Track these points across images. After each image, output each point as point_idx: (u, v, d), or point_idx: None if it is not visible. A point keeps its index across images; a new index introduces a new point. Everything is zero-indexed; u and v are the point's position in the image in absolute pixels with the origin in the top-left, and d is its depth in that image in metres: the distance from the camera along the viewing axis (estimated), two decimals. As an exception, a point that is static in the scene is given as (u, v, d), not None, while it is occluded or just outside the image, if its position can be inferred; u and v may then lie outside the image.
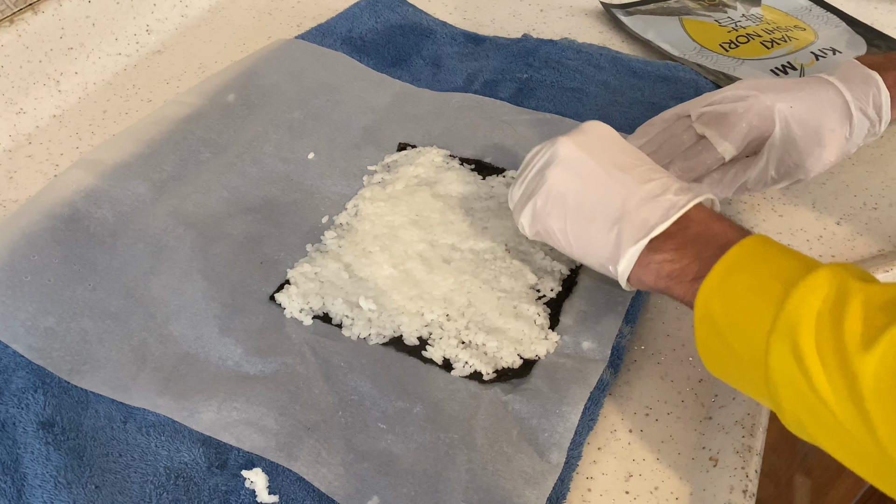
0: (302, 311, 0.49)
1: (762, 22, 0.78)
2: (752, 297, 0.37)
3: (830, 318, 0.34)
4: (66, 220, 0.54)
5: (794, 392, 0.35)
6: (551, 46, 0.72)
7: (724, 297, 0.38)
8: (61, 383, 0.45)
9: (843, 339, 0.33)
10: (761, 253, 0.39)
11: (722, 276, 0.39)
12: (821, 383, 0.34)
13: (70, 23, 0.66)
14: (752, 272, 0.38)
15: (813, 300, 0.35)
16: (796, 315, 0.35)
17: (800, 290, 0.35)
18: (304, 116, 0.64)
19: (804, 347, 0.34)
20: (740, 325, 0.37)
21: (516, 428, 0.43)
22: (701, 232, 0.42)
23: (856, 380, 0.33)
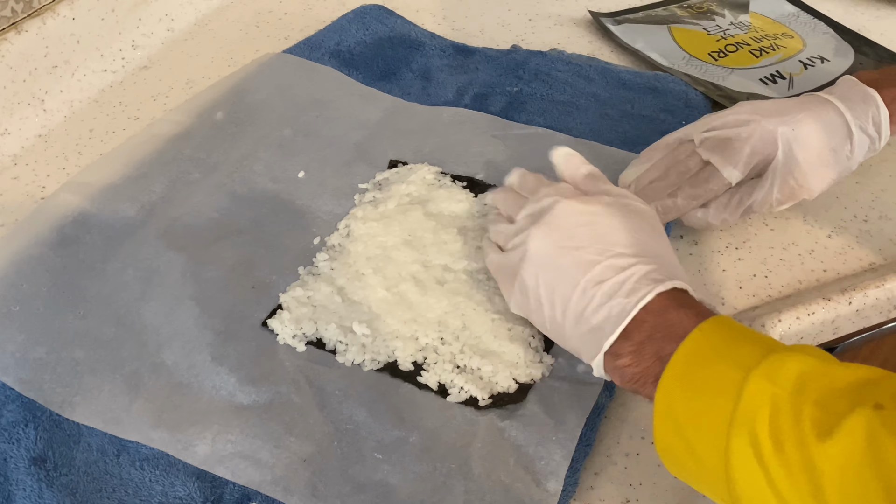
0: (295, 337, 0.49)
1: (750, 30, 0.78)
2: (712, 388, 0.35)
3: (791, 407, 0.33)
4: (55, 245, 0.53)
5: (754, 489, 0.33)
6: (541, 58, 0.72)
7: (686, 390, 0.37)
8: (52, 416, 0.45)
9: (803, 428, 0.32)
10: (721, 337, 0.37)
11: (684, 368, 0.37)
12: (779, 478, 0.32)
13: (54, 41, 0.65)
14: (713, 360, 0.36)
15: (771, 387, 0.33)
16: (755, 405, 0.33)
17: (756, 377, 0.34)
18: (293, 134, 0.63)
19: (762, 440, 0.33)
20: (701, 421, 0.36)
21: (513, 456, 0.43)
22: (657, 326, 0.40)
23: (816, 473, 0.31)
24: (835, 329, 0.54)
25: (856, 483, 0.30)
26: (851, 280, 0.54)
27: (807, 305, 0.52)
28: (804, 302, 0.52)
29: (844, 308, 0.53)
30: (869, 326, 0.56)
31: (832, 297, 0.52)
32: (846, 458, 0.31)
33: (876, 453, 0.30)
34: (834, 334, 0.54)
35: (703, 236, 0.57)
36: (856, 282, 0.54)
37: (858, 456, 0.31)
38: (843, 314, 0.53)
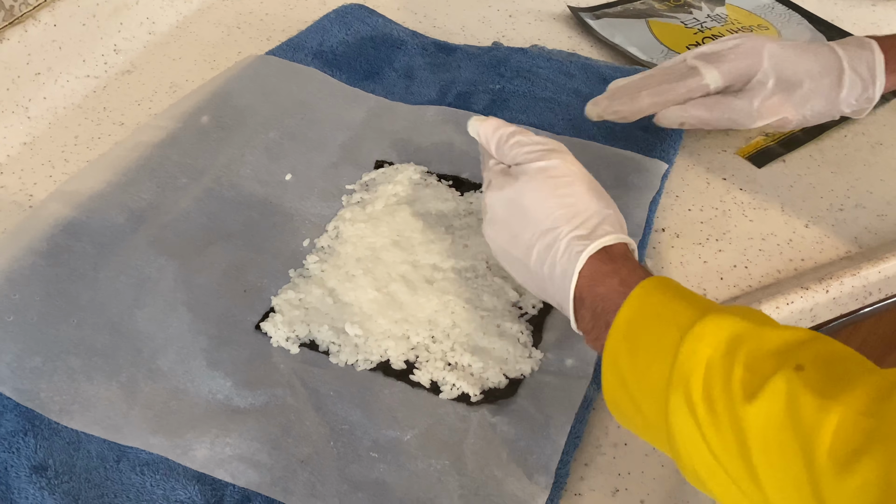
0: (288, 339, 0.50)
1: (727, 22, 0.79)
2: (653, 346, 0.37)
3: (721, 368, 0.34)
4: (46, 255, 0.54)
5: (691, 445, 0.35)
6: (522, 55, 0.73)
7: (630, 348, 0.38)
8: (51, 424, 0.46)
9: (732, 389, 0.33)
10: (660, 295, 0.39)
11: (627, 325, 0.39)
12: (711, 436, 0.34)
13: (37, 48, 0.65)
14: (654, 318, 0.38)
15: (705, 348, 0.35)
16: (689, 365, 0.35)
17: (690, 338, 0.35)
18: (279, 136, 0.64)
19: (696, 399, 0.34)
20: (644, 377, 0.37)
21: (505, 451, 0.44)
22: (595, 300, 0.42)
23: (743, 433, 0.33)
24: (813, 316, 0.55)
25: (776, 442, 0.32)
26: (828, 269, 0.56)
27: (786, 295, 0.53)
28: (783, 291, 0.54)
29: (822, 296, 0.54)
30: (846, 313, 0.57)
31: (810, 286, 0.54)
32: (768, 419, 0.32)
33: (793, 413, 0.32)
34: (812, 321, 0.56)
35: (685, 229, 0.59)
36: (832, 270, 0.55)
37: (779, 416, 0.32)
38: (820, 302, 0.54)
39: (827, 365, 0.33)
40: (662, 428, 0.36)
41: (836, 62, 0.55)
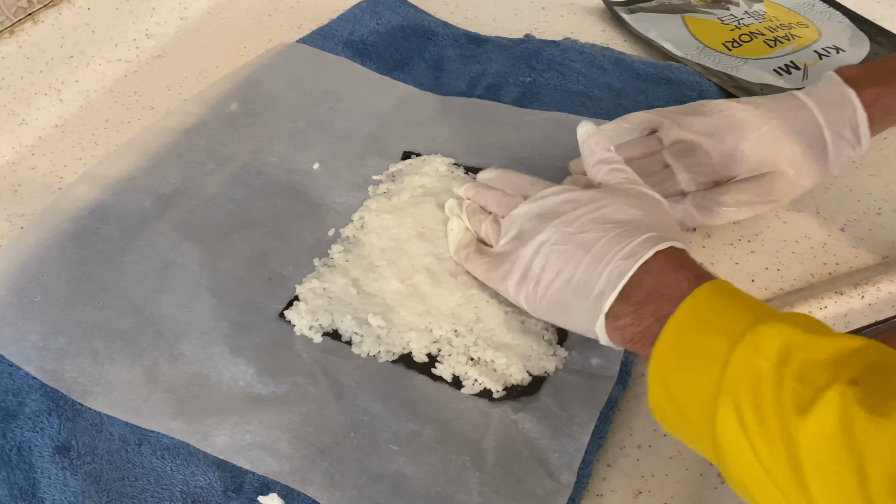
0: (311, 328, 0.50)
1: (765, 19, 0.78)
2: (701, 356, 0.36)
3: (773, 379, 0.33)
4: (73, 237, 0.54)
5: (739, 456, 0.34)
6: (554, 48, 0.72)
7: (677, 357, 0.37)
8: (75, 405, 0.46)
9: (783, 401, 0.33)
10: (713, 303, 0.38)
11: (675, 335, 0.38)
12: (761, 449, 0.33)
13: (70, 31, 0.66)
14: (704, 327, 0.37)
15: (756, 358, 0.34)
16: (739, 375, 0.34)
17: (742, 348, 0.35)
18: (307, 125, 0.64)
19: (745, 410, 0.33)
20: (691, 388, 0.36)
21: (527, 448, 0.44)
22: (655, 286, 0.40)
23: (794, 447, 0.32)
24: (847, 322, 0.54)
25: (829, 458, 0.31)
26: (864, 273, 0.54)
27: (819, 299, 0.52)
28: (816, 295, 0.52)
29: (857, 302, 0.53)
30: (881, 319, 0.56)
31: (844, 290, 0.53)
32: (821, 434, 0.32)
33: (847, 431, 0.31)
34: (846, 327, 0.54)
35: (716, 229, 0.57)
36: (868, 275, 0.54)
37: (832, 432, 0.31)
38: (855, 308, 0.53)
39: (882, 378, 0.32)
40: (709, 437, 0.36)
41: (818, 132, 0.52)
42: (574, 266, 0.44)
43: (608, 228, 0.44)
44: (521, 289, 0.46)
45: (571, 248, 0.44)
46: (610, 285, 0.42)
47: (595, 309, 0.42)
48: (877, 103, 0.52)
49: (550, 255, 0.45)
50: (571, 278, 0.44)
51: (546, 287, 0.45)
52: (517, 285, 0.46)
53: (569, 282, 0.44)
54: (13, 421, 0.45)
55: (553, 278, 0.45)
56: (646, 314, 0.40)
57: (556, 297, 0.44)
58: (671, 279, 0.41)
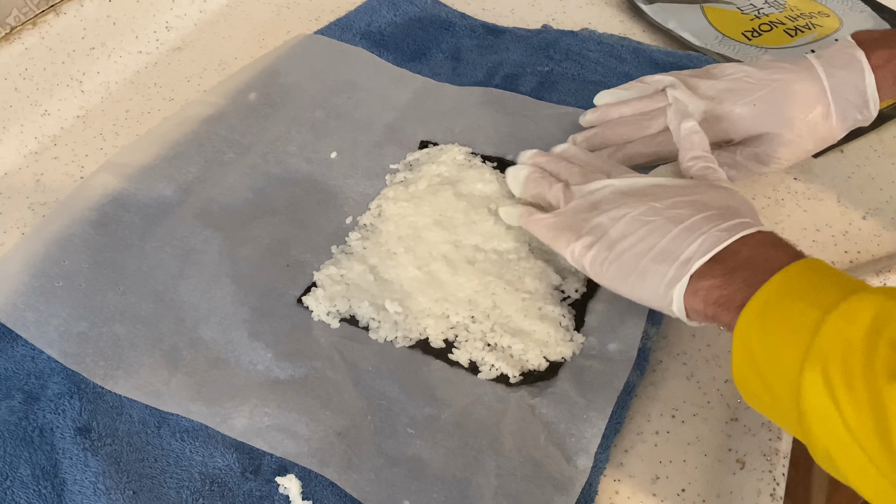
0: (329, 314, 0.50)
1: (785, 8, 0.77)
2: (789, 326, 0.36)
3: (864, 346, 0.33)
4: (95, 224, 0.55)
5: (825, 424, 0.34)
6: (572, 38, 0.71)
7: (763, 326, 0.37)
8: (96, 388, 0.46)
9: (874, 367, 0.32)
10: (806, 278, 0.38)
11: (762, 305, 0.38)
12: (849, 414, 0.33)
13: (91, 23, 0.67)
14: (794, 299, 0.37)
15: (848, 327, 0.34)
16: (830, 343, 0.34)
17: (834, 317, 0.34)
18: (326, 115, 0.64)
19: (834, 376, 0.33)
20: (776, 356, 0.36)
21: (544, 433, 0.43)
22: (752, 256, 0.40)
23: (884, 411, 0.32)
24: (868, 311, 0.53)
25: None
26: (885, 262, 0.54)
27: (840, 287, 0.51)
28: (837, 283, 0.52)
29: (878, 290, 0.52)
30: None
31: (866, 278, 0.52)
32: None
33: None
34: (867, 316, 0.54)
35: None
36: (890, 264, 0.53)
37: None
38: (876, 296, 0.52)
39: None
40: (793, 407, 0.35)
41: (820, 94, 0.52)
42: (660, 236, 0.43)
43: (702, 209, 0.44)
44: (589, 251, 0.46)
45: (660, 220, 0.44)
46: (701, 250, 0.42)
47: (678, 272, 0.42)
48: (888, 66, 0.52)
49: (633, 223, 0.45)
50: (655, 246, 0.43)
51: (620, 253, 0.44)
52: (585, 247, 0.46)
53: (651, 249, 0.43)
54: (35, 403, 0.46)
55: (633, 244, 0.44)
56: (736, 279, 0.40)
57: (630, 262, 0.44)
58: (770, 253, 0.40)
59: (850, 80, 0.52)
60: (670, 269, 0.42)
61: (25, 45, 0.62)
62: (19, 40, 0.62)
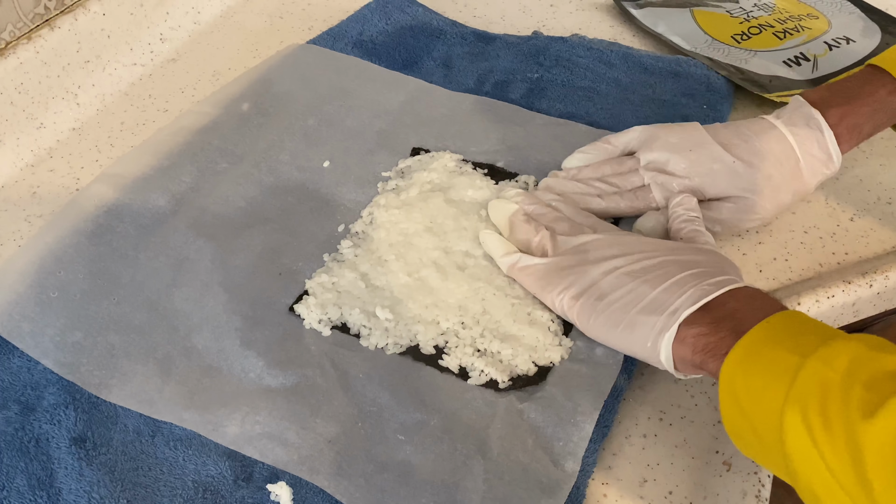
0: (321, 321, 0.51)
1: (774, 11, 0.77)
2: (771, 371, 0.37)
3: (841, 388, 0.34)
4: (90, 235, 0.55)
5: (807, 464, 0.35)
6: (562, 44, 0.72)
7: (745, 372, 0.38)
8: (91, 398, 0.47)
9: (850, 408, 0.33)
10: (785, 328, 0.39)
11: (744, 353, 0.39)
12: (828, 454, 0.34)
13: (86, 36, 0.67)
14: (773, 347, 0.38)
15: (826, 370, 0.35)
16: (808, 386, 0.35)
17: (813, 361, 0.36)
18: (318, 123, 0.65)
19: (813, 418, 0.34)
20: (759, 400, 0.37)
21: (532, 437, 0.44)
22: (739, 308, 0.42)
23: (859, 449, 0.33)
24: (855, 312, 0.54)
25: (893, 460, 0.32)
26: (873, 262, 0.54)
27: (826, 288, 0.52)
28: (824, 285, 0.52)
29: (865, 291, 0.53)
30: (891, 309, 0.56)
31: (852, 279, 0.52)
32: (886, 437, 0.32)
33: None
34: (855, 317, 0.54)
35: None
36: (877, 264, 0.54)
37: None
38: (863, 297, 0.53)
39: None
40: (779, 450, 0.37)
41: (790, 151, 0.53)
42: (650, 289, 0.45)
43: (691, 267, 0.45)
44: (577, 302, 0.47)
45: (650, 276, 0.45)
46: (689, 301, 0.43)
47: (667, 322, 0.43)
48: (842, 123, 0.54)
49: (623, 277, 0.46)
50: (644, 298, 0.45)
51: (609, 304, 0.46)
52: (573, 298, 0.47)
53: (640, 301, 0.45)
54: (32, 414, 0.46)
55: (621, 296, 0.45)
56: (723, 327, 0.41)
57: (618, 314, 0.45)
58: (756, 304, 0.42)
59: (812, 138, 0.54)
60: (659, 320, 0.43)
61: (21, 60, 0.63)
62: (14, 55, 0.63)
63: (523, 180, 0.59)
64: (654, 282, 0.45)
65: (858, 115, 0.54)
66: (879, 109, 0.54)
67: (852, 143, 0.55)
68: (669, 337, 0.43)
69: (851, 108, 0.54)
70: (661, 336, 0.43)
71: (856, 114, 0.54)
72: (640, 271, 0.46)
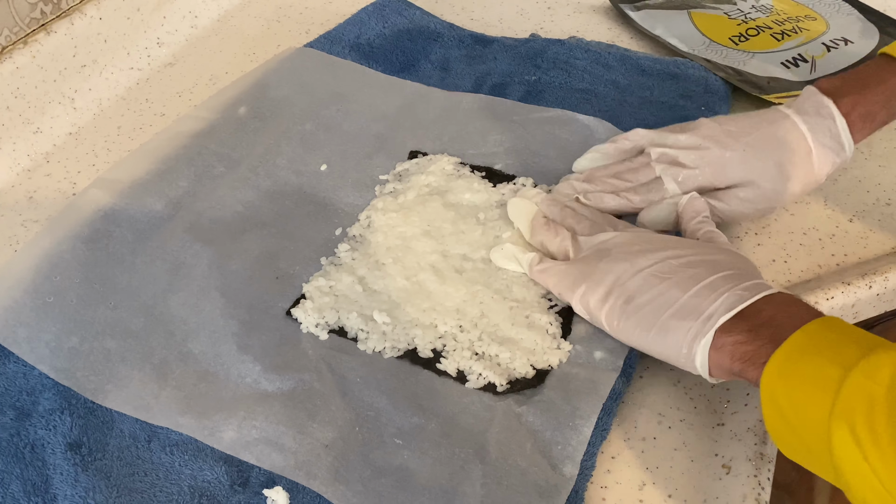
0: (318, 325, 0.50)
1: (772, 13, 0.77)
2: (812, 382, 0.37)
3: (887, 403, 0.34)
4: (87, 240, 0.55)
5: (859, 477, 0.35)
6: (559, 46, 0.72)
7: (786, 382, 0.38)
8: (87, 404, 0.47)
9: None
10: (823, 337, 0.39)
11: (783, 362, 0.39)
12: (879, 468, 0.34)
13: (82, 41, 0.67)
14: (813, 357, 0.38)
15: (870, 384, 0.35)
16: (853, 400, 0.35)
17: (856, 374, 0.36)
18: (315, 128, 0.64)
19: (861, 433, 0.34)
20: (804, 412, 0.37)
21: (530, 441, 0.44)
22: (775, 315, 0.41)
23: None
24: (855, 313, 0.53)
25: None
26: (872, 264, 0.54)
27: (826, 290, 0.52)
28: (823, 286, 0.52)
29: (864, 292, 0.52)
30: (891, 310, 0.55)
31: (852, 281, 0.52)
32: None
33: None
34: (854, 318, 0.54)
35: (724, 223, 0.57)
36: (876, 266, 0.53)
37: None
38: (863, 298, 0.52)
39: None
40: (827, 459, 0.37)
41: (802, 140, 0.53)
42: (680, 292, 0.44)
43: (719, 269, 0.45)
44: (604, 304, 0.46)
45: (679, 277, 0.45)
46: (724, 307, 0.42)
47: (702, 328, 0.42)
48: (854, 111, 0.53)
49: (651, 278, 0.45)
50: (676, 301, 0.44)
51: (640, 307, 0.45)
52: (601, 300, 0.46)
53: (671, 304, 0.44)
54: (27, 419, 0.46)
55: (652, 299, 0.45)
56: (762, 335, 0.41)
57: (650, 317, 0.44)
58: (793, 311, 0.42)
59: (823, 126, 0.53)
60: (694, 325, 0.43)
61: (17, 65, 0.63)
62: (11, 59, 0.63)
63: (521, 182, 0.59)
64: (684, 284, 0.44)
65: (871, 104, 0.53)
66: (893, 97, 0.54)
67: (865, 131, 0.54)
68: (706, 343, 0.42)
69: (864, 96, 0.53)
70: (696, 342, 0.43)
71: (869, 102, 0.53)
72: (667, 272, 0.45)
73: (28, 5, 0.64)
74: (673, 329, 0.44)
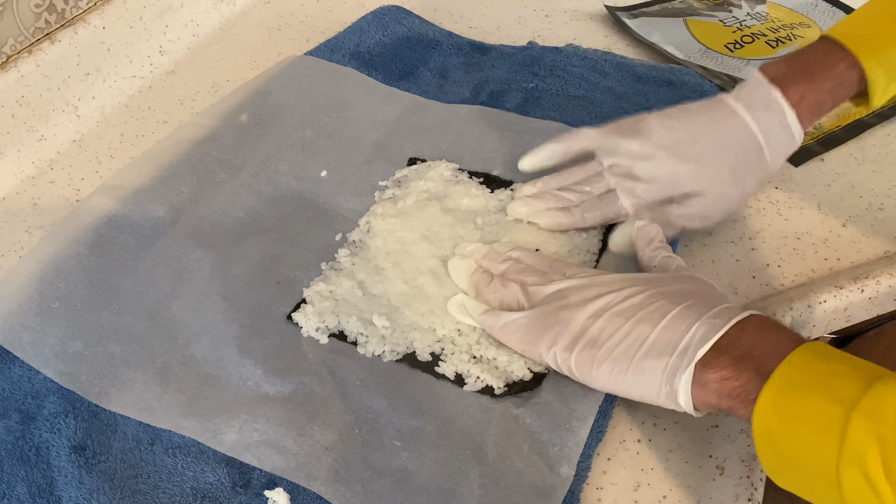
0: (318, 329, 0.51)
1: (767, 20, 0.78)
2: (811, 424, 0.37)
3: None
4: (90, 245, 0.56)
5: None
6: (556, 54, 0.73)
7: (781, 422, 0.38)
8: (91, 407, 0.48)
9: None
10: (813, 368, 0.38)
11: (774, 398, 0.38)
12: None
13: (86, 49, 0.68)
14: (806, 394, 0.37)
15: (877, 426, 0.34)
16: (862, 443, 0.35)
17: (859, 415, 0.35)
18: (315, 134, 0.65)
19: (874, 475, 0.34)
20: (804, 454, 0.37)
21: (527, 442, 0.44)
22: (755, 343, 0.40)
23: None
24: (847, 317, 0.54)
25: None
26: (864, 268, 0.55)
27: (819, 294, 0.52)
28: (816, 290, 0.53)
29: (857, 296, 0.53)
30: (884, 314, 0.56)
31: (844, 285, 0.53)
32: None
33: None
34: (847, 322, 0.55)
35: (717, 227, 0.58)
36: (869, 270, 0.54)
37: None
38: (855, 302, 0.53)
39: None
40: (832, 496, 0.36)
41: (752, 138, 0.52)
42: (648, 328, 0.43)
43: (681, 299, 0.44)
44: (571, 353, 0.45)
45: (642, 314, 0.43)
46: (699, 338, 0.41)
47: (678, 363, 0.41)
48: (804, 101, 0.53)
49: (615, 319, 0.44)
50: (646, 339, 0.43)
51: (609, 350, 0.43)
52: (565, 349, 0.45)
53: (642, 343, 0.43)
54: (32, 423, 0.47)
55: (620, 340, 0.43)
56: (746, 367, 0.40)
57: (622, 360, 0.43)
58: (772, 337, 0.41)
59: (774, 121, 0.53)
60: (670, 361, 0.42)
61: (21, 73, 0.64)
62: (15, 68, 0.63)
63: (519, 187, 0.60)
64: (649, 320, 0.43)
65: (819, 92, 0.53)
66: (839, 84, 0.53)
67: (813, 120, 0.54)
68: (687, 379, 0.41)
69: (812, 85, 0.53)
70: (676, 378, 0.41)
71: (817, 90, 0.53)
72: (629, 309, 0.44)
73: (32, 15, 0.65)
74: (649, 368, 0.42)
